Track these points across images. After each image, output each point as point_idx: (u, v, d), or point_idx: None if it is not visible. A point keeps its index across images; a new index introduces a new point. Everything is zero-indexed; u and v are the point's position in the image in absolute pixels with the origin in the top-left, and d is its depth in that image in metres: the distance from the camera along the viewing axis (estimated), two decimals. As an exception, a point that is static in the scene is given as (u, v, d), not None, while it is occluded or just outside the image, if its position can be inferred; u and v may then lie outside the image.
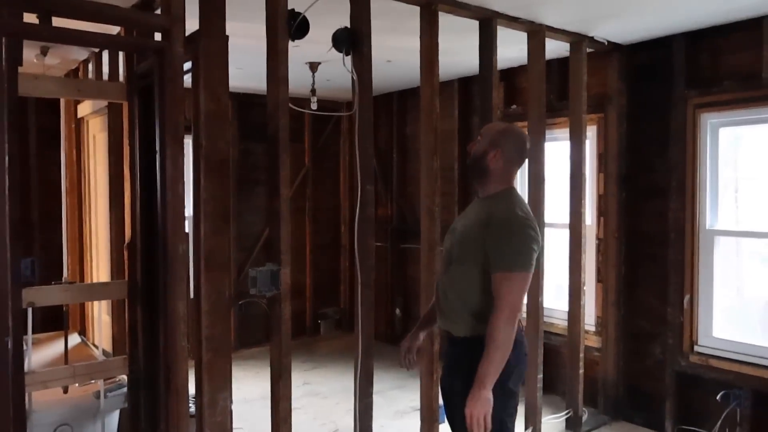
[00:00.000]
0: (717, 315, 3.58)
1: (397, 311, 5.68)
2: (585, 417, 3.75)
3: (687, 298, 3.59)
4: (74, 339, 4.00)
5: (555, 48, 3.69)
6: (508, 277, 1.98)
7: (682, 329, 3.60)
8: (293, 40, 2.51)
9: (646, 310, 3.80)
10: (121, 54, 3.26)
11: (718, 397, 3.37)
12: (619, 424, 3.82)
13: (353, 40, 2.66)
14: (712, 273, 3.55)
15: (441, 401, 2.64)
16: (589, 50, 3.69)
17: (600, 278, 4.03)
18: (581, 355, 3.72)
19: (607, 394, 3.93)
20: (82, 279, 3.98)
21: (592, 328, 4.08)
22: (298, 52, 3.74)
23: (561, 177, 3.89)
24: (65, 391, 3.07)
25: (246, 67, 4.19)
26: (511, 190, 2.19)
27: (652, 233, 3.75)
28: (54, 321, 3.86)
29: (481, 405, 1.92)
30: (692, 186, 3.56)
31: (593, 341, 4.01)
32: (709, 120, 3.52)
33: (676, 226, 3.61)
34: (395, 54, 4.00)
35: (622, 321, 3.90)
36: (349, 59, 2.72)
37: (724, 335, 3.52)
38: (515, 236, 2.01)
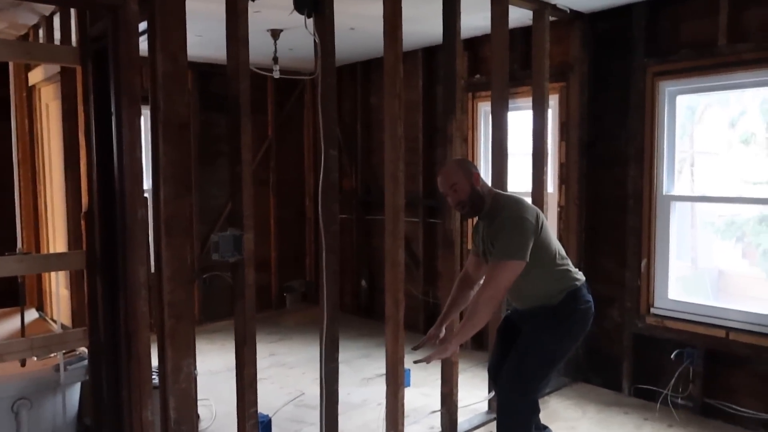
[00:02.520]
0: (672, 280, 3.70)
1: (363, 283, 5.70)
2: (546, 380, 3.85)
3: (644, 262, 3.70)
4: (32, 314, 3.89)
5: (519, 17, 3.70)
6: (501, 266, 2.44)
7: (640, 293, 3.71)
8: (253, 0, 2.44)
9: (605, 275, 3.90)
10: (73, 18, 3.13)
11: (672, 356, 3.51)
12: (578, 386, 3.94)
13: (315, 1, 2.61)
14: (668, 237, 3.66)
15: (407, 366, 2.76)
16: (552, 19, 3.70)
17: (561, 245, 4.11)
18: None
19: (568, 358, 4.03)
20: (38, 252, 3.86)
21: (554, 294, 4.16)
22: (260, 18, 3.67)
23: (523, 146, 3.93)
24: (23, 364, 2.99)
25: (205, 34, 4.09)
26: (495, 195, 2.61)
27: (612, 200, 3.84)
28: (10, 297, 3.74)
29: (442, 351, 2.50)
30: (650, 152, 3.64)
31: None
32: (666, 88, 3.60)
33: (635, 193, 3.70)
34: (358, 21, 3.95)
35: (582, 286, 3.99)
36: (311, 22, 2.67)
37: (679, 297, 3.65)
38: (509, 234, 2.45)
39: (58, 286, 3.54)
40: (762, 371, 3.26)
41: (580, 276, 2.65)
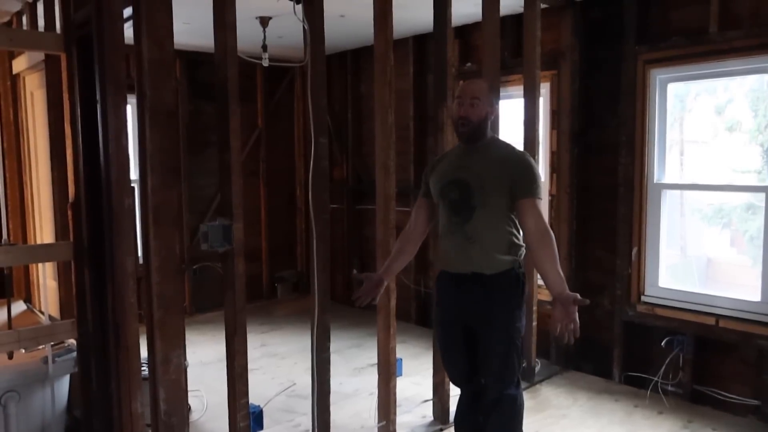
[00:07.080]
0: (663, 268, 3.71)
1: (355, 272, 5.67)
2: (538, 368, 3.87)
3: (635, 250, 3.70)
4: (20, 306, 3.85)
5: (510, 4, 3.67)
6: (537, 203, 2.34)
7: (630, 281, 3.72)
8: (241, -14, 2.40)
9: (596, 263, 3.91)
10: (57, 5, 3.07)
11: (662, 344, 3.52)
12: (569, 374, 3.95)
13: (304, -12, 2.57)
14: (659, 225, 3.67)
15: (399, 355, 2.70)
16: (543, 6, 3.68)
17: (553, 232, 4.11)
18: (534, 308, 3.81)
19: (559, 346, 4.05)
20: (25, 243, 3.81)
21: (545, 283, 4.17)
22: (248, 4, 3.61)
23: (515, 134, 3.91)
24: (10, 356, 2.96)
25: (193, 22, 4.03)
26: (495, 136, 2.58)
27: (603, 188, 3.84)
28: (-3, 289, 3.70)
29: (573, 312, 2.13)
30: (641, 140, 3.64)
31: (546, 295, 4.07)
32: (658, 75, 3.59)
33: (626, 181, 3.70)
34: (348, 8, 3.91)
35: (573, 274, 4.00)
36: (300, 8, 2.63)
37: (669, 285, 3.67)
38: (535, 170, 2.38)
39: (45, 277, 3.50)
40: (750, 357, 3.28)
41: None
